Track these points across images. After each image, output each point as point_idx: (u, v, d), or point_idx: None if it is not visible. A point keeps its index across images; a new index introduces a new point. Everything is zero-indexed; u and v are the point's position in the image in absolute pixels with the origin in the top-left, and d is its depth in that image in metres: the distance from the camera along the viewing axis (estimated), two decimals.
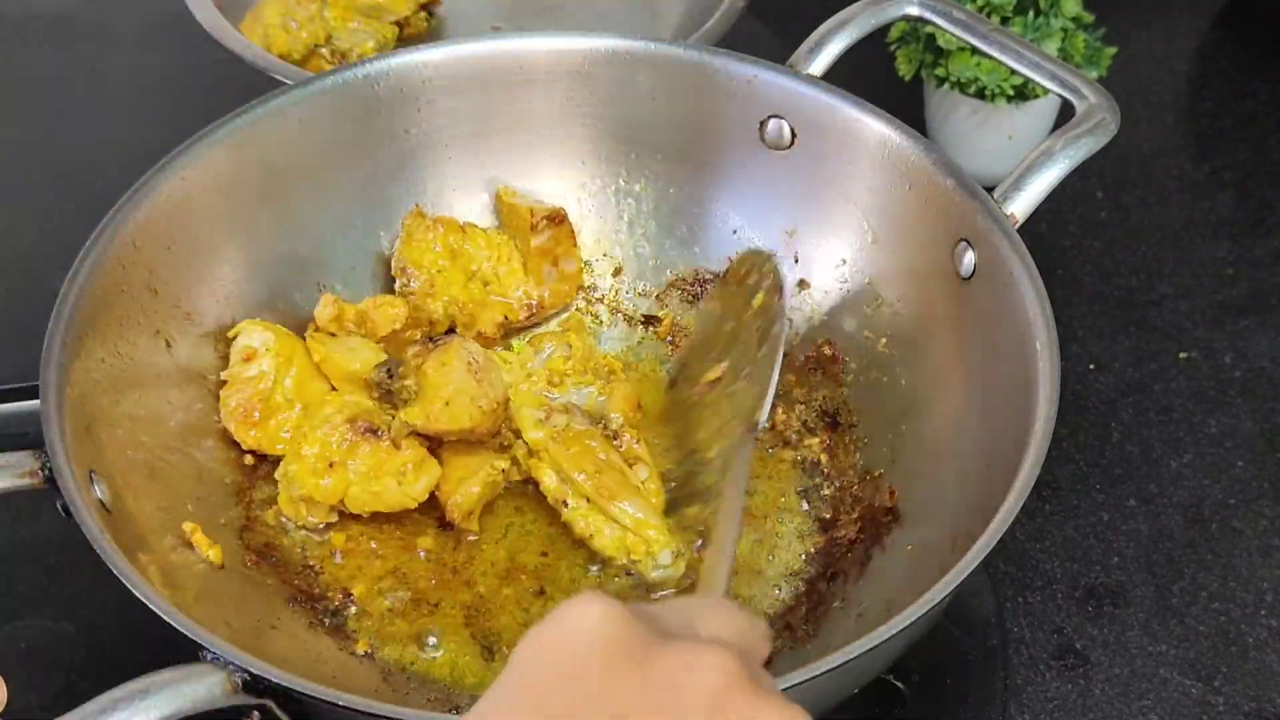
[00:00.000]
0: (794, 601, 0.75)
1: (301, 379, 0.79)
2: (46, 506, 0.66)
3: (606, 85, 0.86)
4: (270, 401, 0.77)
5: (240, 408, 0.77)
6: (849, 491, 0.79)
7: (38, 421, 0.66)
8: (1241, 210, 1.04)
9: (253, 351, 0.78)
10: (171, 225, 0.77)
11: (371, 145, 0.85)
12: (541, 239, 0.85)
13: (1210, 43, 1.18)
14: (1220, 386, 0.92)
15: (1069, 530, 0.84)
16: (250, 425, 0.77)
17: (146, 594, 0.60)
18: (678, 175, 0.88)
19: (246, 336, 0.79)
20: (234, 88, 0.89)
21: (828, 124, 0.82)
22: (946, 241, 0.78)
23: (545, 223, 0.85)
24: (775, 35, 1.09)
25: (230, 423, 0.77)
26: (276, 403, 0.78)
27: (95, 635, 0.78)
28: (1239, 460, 0.88)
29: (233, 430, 0.77)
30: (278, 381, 0.78)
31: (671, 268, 0.89)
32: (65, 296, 0.71)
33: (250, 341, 0.78)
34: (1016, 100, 0.96)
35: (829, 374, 0.84)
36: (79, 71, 1.16)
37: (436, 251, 0.84)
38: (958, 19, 0.83)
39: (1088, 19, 0.97)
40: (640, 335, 0.88)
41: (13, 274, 0.99)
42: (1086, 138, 0.76)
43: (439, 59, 0.86)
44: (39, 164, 1.08)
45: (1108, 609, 0.80)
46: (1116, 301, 0.97)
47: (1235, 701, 0.76)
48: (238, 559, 0.73)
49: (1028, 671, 0.78)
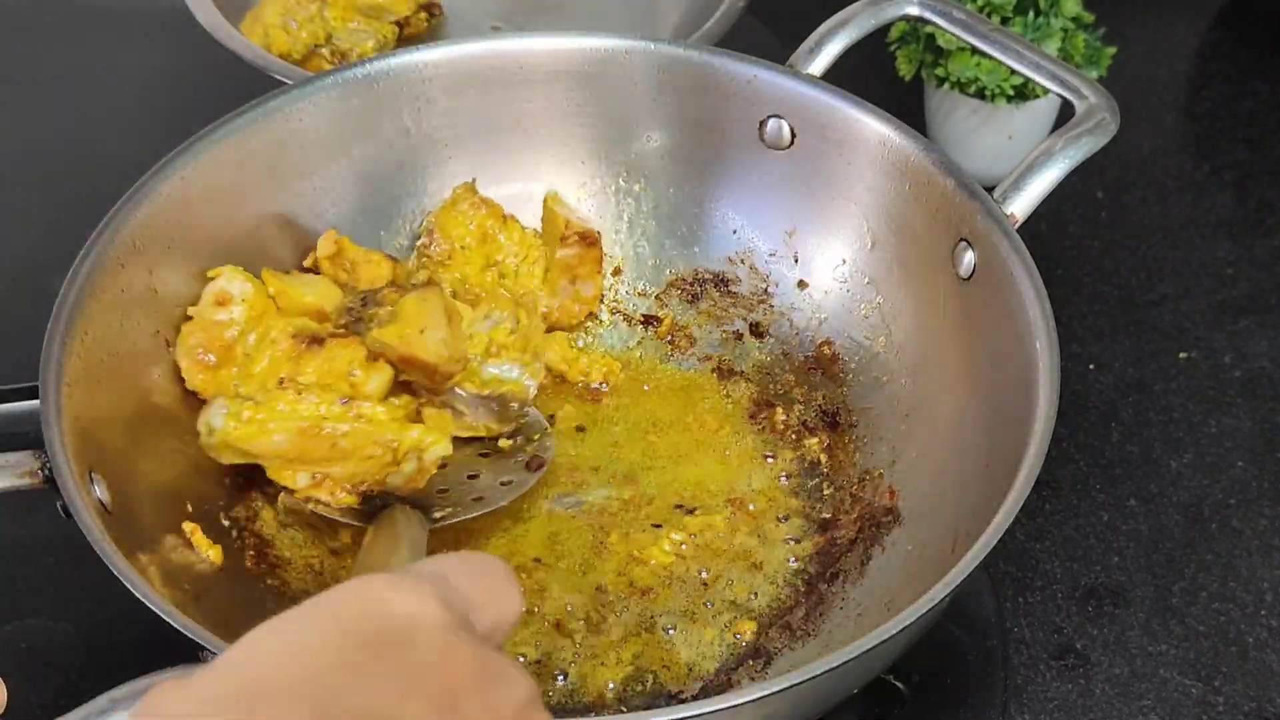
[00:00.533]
0: (793, 601, 0.75)
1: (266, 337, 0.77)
2: (46, 506, 0.66)
3: (606, 85, 0.86)
4: (231, 351, 0.76)
5: (199, 347, 0.76)
6: (849, 491, 0.79)
7: (38, 421, 0.66)
8: (1241, 210, 1.04)
9: (228, 297, 0.77)
10: (171, 225, 0.77)
11: (371, 145, 0.85)
12: (567, 252, 0.85)
13: (1210, 43, 1.18)
14: (1220, 386, 0.92)
15: (1069, 530, 0.84)
16: (203, 368, 0.76)
17: (146, 594, 0.60)
18: (677, 175, 0.88)
19: (227, 280, 0.77)
20: (234, 88, 0.89)
21: (827, 124, 0.82)
22: (946, 241, 0.78)
23: (576, 238, 0.85)
24: (775, 35, 1.09)
25: (183, 359, 0.76)
26: (236, 354, 0.76)
27: (95, 635, 0.78)
28: (1239, 460, 0.88)
29: (183, 366, 0.76)
30: (243, 334, 0.76)
31: (671, 267, 0.89)
32: (65, 296, 0.71)
33: (229, 287, 0.77)
34: (1016, 100, 0.96)
35: (829, 374, 0.84)
36: (79, 71, 1.16)
37: (470, 229, 0.84)
38: (957, 19, 0.83)
39: (1088, 19, 0.97)
40: (640, 335, 0.88)
41: (13, 274, 0.99)
42: (1086, 138, 0.76)
43: (439, 59, 0.86)
44: (39, 164, 1.08)
45: (1108, 609, 0.80)
46: (1116, 301, 0.97)
47: (1235, 701, 0.76)
48: (238, 559, 0.73)
49: (1028, 671, 0.78)
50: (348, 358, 0.75)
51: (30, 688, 0.75)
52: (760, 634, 0.74)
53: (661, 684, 0.72)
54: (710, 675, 0.72)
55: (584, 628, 0.74)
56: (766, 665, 0.72)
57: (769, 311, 0.86)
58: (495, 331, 0.80)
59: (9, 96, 1.14)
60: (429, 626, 0.38)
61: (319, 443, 0.73)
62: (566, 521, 0.78)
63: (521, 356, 0.80)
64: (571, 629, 0.73)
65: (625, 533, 0.78)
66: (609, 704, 0.71)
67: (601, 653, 0.73)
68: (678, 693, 0.72)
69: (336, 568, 0.76)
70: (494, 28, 1.10)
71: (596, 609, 0.74)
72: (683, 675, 0.72)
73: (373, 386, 0.75)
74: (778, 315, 0.86)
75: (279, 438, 0.73)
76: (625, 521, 0.78)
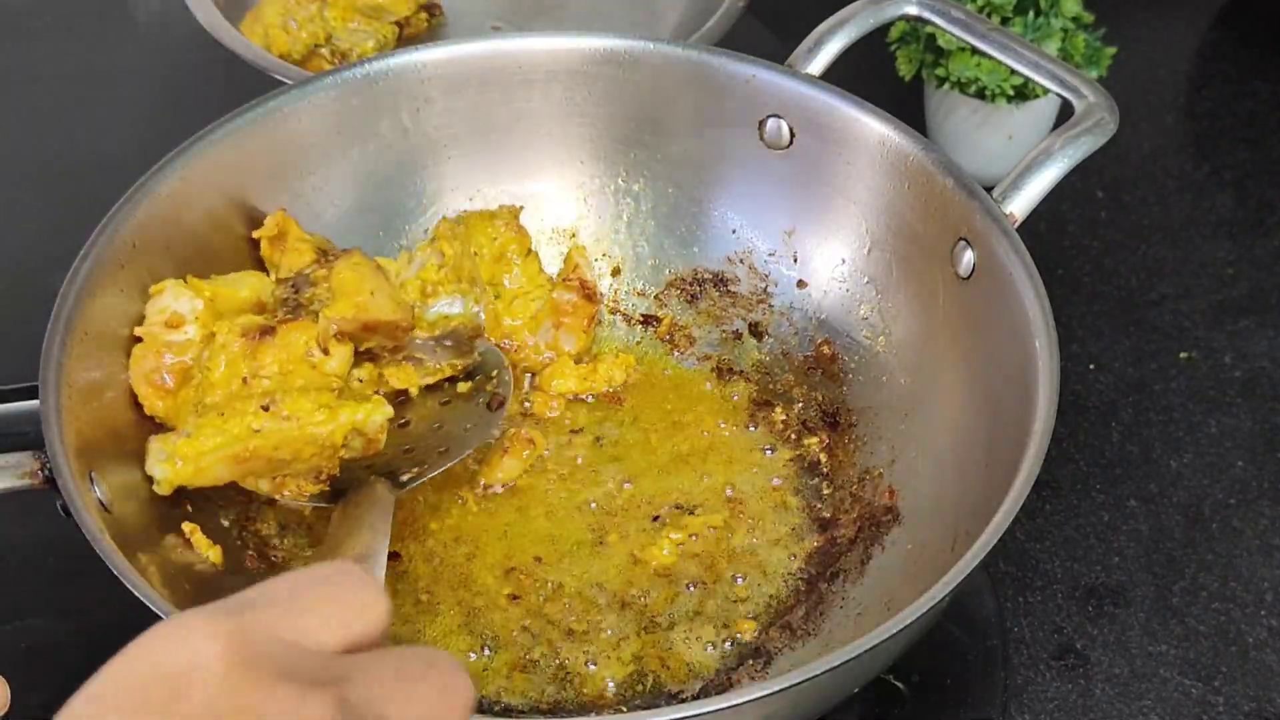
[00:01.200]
0: (793, 601, 0.75)
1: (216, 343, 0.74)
2: (46, 506, 0.66)
3: (606, 85, 0.86)
4: (188, 372, 0.73)
5: (156, 372, 0.73)
6: (849, 491, 0.79)
7: (38, 421, 0.66)
8: (1241, 210, 1.04)
9: (180, 319, 0.74)
10: (171, 225, 0.77)
11: (371, 145, 0.85)
12: (564, 296, 0.85)
13: (1210, 43, 1.18)
14: (1220, 386, 0.92)
15: (1069, 530, 0.84)
16: (162, 392, 0.73)
17: (146, 594, 0.60)
18: (677, 175, 0.88)
19: (173, 299, 0.74)
20: (234, 88, 0.89)
21: (827, 124, 0.82)
22: (945, 241, 0.78)
23: (578, 284, 0.85)
24: (775, 35, 1.09)
25: (140, 386, 0.73)
26: (192, 372, 0.73)
27: (95, 635, 0.78)
28: (1239, 460, 0.88)
29: (140, 394, 0.73)
30: (197, 355, 0.74)
31: (670, 267, 0.89)
32: (65, 296, 0.71)
33: (178, 307, 0.74)
34: (1016, 100, 0.96)
35: (828, 374, 0.84)
36: (79, 71, 1.16)
37: (493, 243, 0.84)
38: (957, 18, 0.83)
39: (1088, 19, 0.97)
40: (639, 335, 0.88)
41: (13, 274, 0.99)
42: (1085, 137, 0.76)
43: (439, 59, 0.86)
44: (39, 164, 1.08)
45: (1108, 609, 0.80)
46: (1116, 301, 0.97)
47: (1235, 701, 0.76)
48: (238, 559, 0.73)
49: (1028, 671, 0.78)
50: (303, 340, 0.73)
51: (30, 688, 0.75)
52: (760, 634, 0.74)
53: (661, 684, 0.72)
54: (710, 675, 0.72)
55: (584, 627, 0.74)
56: (766, 665, 0.72)
57: (768, 311, 0.86)
58: (424, 272, 0.80)
59: (9, 96, 1.14)
60: (209, 670, 0.36)
61: (257, 461, 0.72)
62: (566, 521, 0.79)
63: (459, 287, 0.80)
64: (571, 628, 0.73)
65: (625, 533, 0.78)
66: (609, 704, 0.71)
67: (601, 653, 0.73)
68: (678, 693, 0.72)
69: None
70: (494, 28, 1.10)
71: (596, 608, 0.74)
72: (683, 675, 0.72)
73: (334, 365, 0.74)
74: (777, 315, 0.86)
75: (220, 470, 0.71)
76: (625, 521, 0.78)
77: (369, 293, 0.75)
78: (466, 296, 0.81)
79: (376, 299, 0.75)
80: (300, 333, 0.74)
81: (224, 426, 0.71)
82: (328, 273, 0.76)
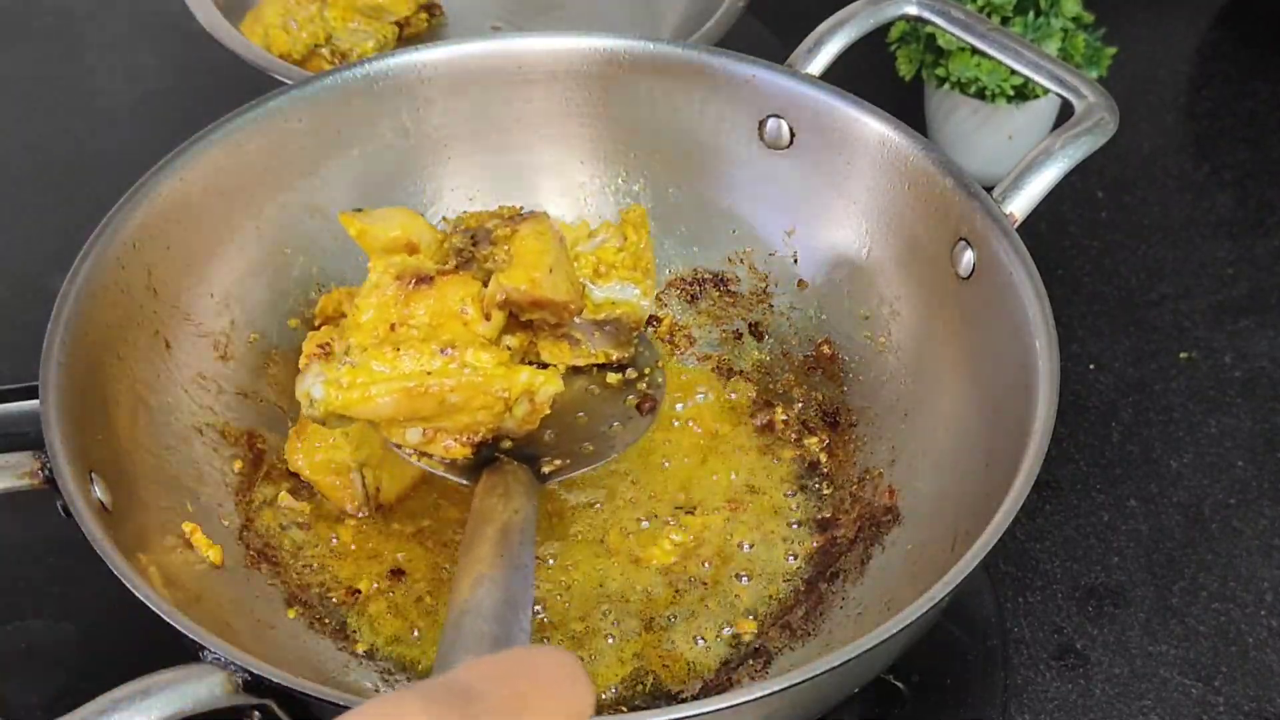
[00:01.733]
0: (793, 601, 0.75)
1: (369, 283, 0.72)
2: (46, 506, 0.66)
3: (606, 85, 0.86)
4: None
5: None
6: (849, 491, 0.79)
7: (38, 421, 0.66)
8: (1241, 210, 1.04)
9: (415, 246, 0.73)
10: (171, 225, 0.77)
11: (371, 145, 0.85)
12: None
13: (1210, 43, 1.18)
14: (1220, 386, 0.92)
15: (1069, 530, 0.84)
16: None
17: (146, 594, 0.60)
18: (677, 175, 0.88)
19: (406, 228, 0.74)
20: (234, 88, 0.89)
21: (827, 124, 0.82)
22: (946, 241, 0.78)
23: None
24: (775, 35, 1.09)
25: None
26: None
27: (95, 635, 0.78)
28: (1239, 460, 0.88)
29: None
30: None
31: (670, 267, 0.89)
32: (65, 296, 0.71)
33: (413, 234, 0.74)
34: (1016, 100, 0.96)
35: (829, 374, 0.84)
36: (79, 71, 1.16)
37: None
38: (956, 18, 0.83)
39: (1088, 19, 0.97)
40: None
41: (13, 274, 0.99)
42: (1085, 137, 0.76)
43: (439, 59, 0.86)
44: (39, 164, 1.08)
45: (1108, 609, 0.80)
46: (1116, 301, 0.97)
47: (1235, 701, 0.76)
48: (238, 559, 0.73)
49: (1028, 671, 0.78)
50: (460, 294, 0.70)
51: (30, 688, 0.75)
52: (760, 634, 0.74)
53: (661, 684, 0.72)
54: (710, 675, 0.72)
55: (584, 628, 0.74)
56: (766, 665, 0.72)
57: (768, 311, 0.86)
58: (602, 250, 0.78)
59: (9, 96, 1.14)
60: None
61: (427, 400, 0.69)
62: (566, 521, 0.79)
63: (633, 275, 0.77)
64: (572, 629, 0.73)
65: (625, 533, 0.78)
66: (609, 704, 0.71)
67: (601, 653, 0.73)
68: (678, 693, 0.72)
69: (338, 568, 0.76)
70: (494, 28, 1.10)
71: (597, 608, 0.74)
72: (683, 675, 0.72)
73: (485, 328, 0.70)
74: (777, 315, 0.86)
75: (385, 400, 0.68)
76: (625, 521, 0.78)
77: (547, 269, 0.70)
78: (638, 285, 0.77)
79: (554, 278, 0.71)
80: (459, 288, 0.70)
81: (396, 362, 0.68)
82: (510, 233, 0.72)
